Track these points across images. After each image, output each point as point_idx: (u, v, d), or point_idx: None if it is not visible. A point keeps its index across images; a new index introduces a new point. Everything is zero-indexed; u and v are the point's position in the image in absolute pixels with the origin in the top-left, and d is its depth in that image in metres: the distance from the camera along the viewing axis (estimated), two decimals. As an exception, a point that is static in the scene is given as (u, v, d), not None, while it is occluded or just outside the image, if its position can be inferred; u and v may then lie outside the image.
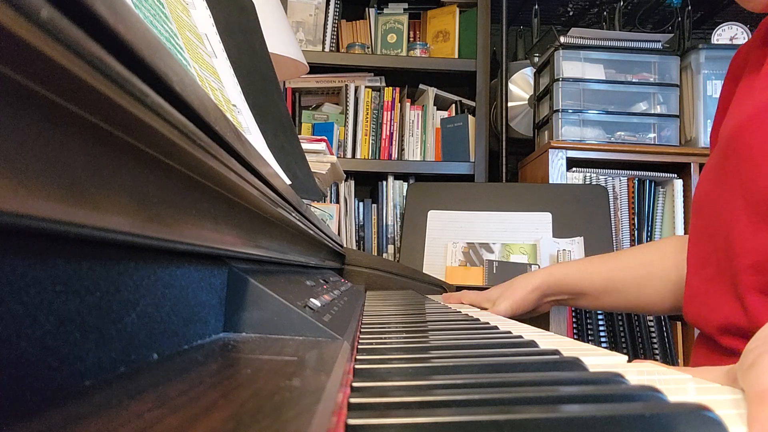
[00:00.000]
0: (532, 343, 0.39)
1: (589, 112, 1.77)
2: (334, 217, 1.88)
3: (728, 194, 0.64)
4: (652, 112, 1.79)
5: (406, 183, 1.96)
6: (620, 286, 0.90)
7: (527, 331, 0.53)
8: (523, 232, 1.62)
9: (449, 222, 1.66)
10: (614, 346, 1.64)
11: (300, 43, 1.93)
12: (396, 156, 1.96)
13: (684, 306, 0.74)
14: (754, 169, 0.60)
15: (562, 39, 1.76)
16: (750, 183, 0.61)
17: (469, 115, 1.96)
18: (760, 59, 0.69)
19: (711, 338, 0.68)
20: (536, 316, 1.00)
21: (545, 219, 1.62)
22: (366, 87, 1.98)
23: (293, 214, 0.46)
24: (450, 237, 1.64)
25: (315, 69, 1.81)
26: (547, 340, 0.45)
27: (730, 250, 0.63)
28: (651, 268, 0.87)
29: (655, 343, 1.65)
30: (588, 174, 1.73)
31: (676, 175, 1.75)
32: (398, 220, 1.94)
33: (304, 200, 0.57)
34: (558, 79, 1.74)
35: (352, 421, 0.21)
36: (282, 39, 1.24)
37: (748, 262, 0.60)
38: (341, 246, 1.11)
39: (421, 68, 1.98)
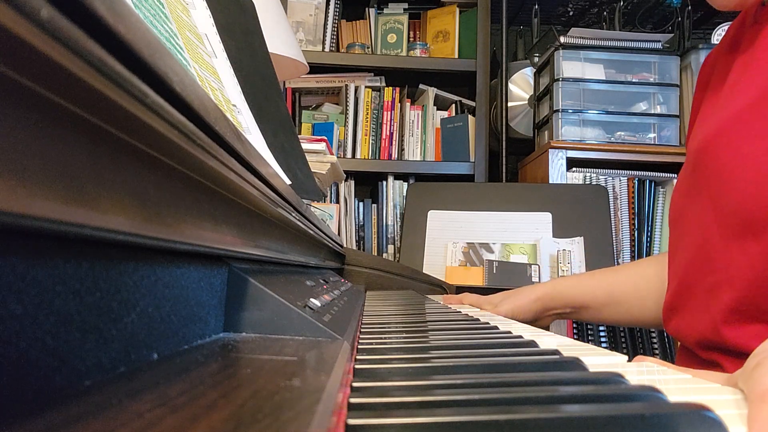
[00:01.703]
0: (532, 343, 0.39)
1: (589, 112, 1.77)
2: (334, 217, 1.88)
3: (700, 208, 0.64)
4: (652, 112, 1.79)
5: (406, 183, 1.96)
6: (622, 298, 0.90)
7: (527, 331, 0.53)
8: (523, 232, 1.62)
9: (449, 222, 1.66)
10: (614, 346, 1.64)
11: (300, 43, 1.93)
12: (396, 156, 1.96)
13: (663, 318, 0.74)
14: (723, 184, 0.59)
15: (562, 39, 1.76)
16: (719, 198, 0.60)
17: (469, 115, 1.96)
18: (726, 68, 0.68)
19: (691, 350, 0.68)
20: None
21: (545, 219, 1.62)
22: (366, 87, 1.98)
23: (293, 214, 0.46)
24: (450, 237, 1.64)
25: (315, 69, 1.81)
26: (547, 340, 0.45)
27: (705, 264, 0.63)
28: (651, 281, 0.88)
29: (655, 343, 1.64)
30: (588, 174, 1.73)
31: (676, 175, 1.73)
32: (398, 220, 1.94)
33: (304, 200, 0.57)
34: (558, 79, 1.74)
35: (352, 421, 0.21)
36: (282, 39, 1.24)
37: (721, 276, 0.60)
38: (341, 246, 1.11)
39: (421, 68, 1.98)
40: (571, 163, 1.72)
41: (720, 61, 0.70)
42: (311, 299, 0.40)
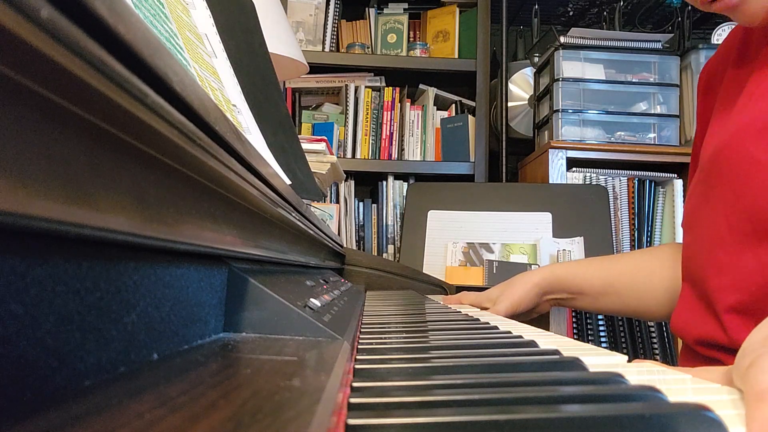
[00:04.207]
0: (532, 343, 0.39)
1: (589, 112, 1.76)
2: (334, 217, 1.88)
3: (712, 213, 0.65)
4: (652, 112, 1.79)
5: (406, 183, 1.96)
6: (620, 289, 0.91)
7: (527, 331, 0.53)
8: (523, 232, 1.62)
9: (449, 222, 1.66)
10: (614, 346, 1.64)
11: (300, 43, 1.93)
12: (396, 156, 1.96)
13: (672, 316, 0.75)
14: (735, 189, 0.60)
15: (562, 39, 1.76)
16: (730, 203, 0.61)
17: (469, 115, 1.96)
18: (738, 77, 0.68)
19: (692, 349, 0.69)
20: (536, 317, 1.00)
21: (545, 219, 1.62)
22: (366, 87, 1.98)
23: (293, 214, 0.46)
24: (450, 237, 1.64)
25: (315, 69, 1.81)
26: (547, 340, 0.45)
27: (715, 267, 0.63)
28: (650, 275, 0.88)
29: (655, 343, 1.65)
30: (588, 174, 1.73)
31: (676, 175, 1.74)
32: (398, 220, 1.94)
33: (304, 200, 0.57)
34: (558, 79, 1.74)
35: (352, 421, 0.21)
36: (282, 39, 1.24)
37: (727, 281, 0.61)
38: (341, 246, 1.11)
39: (421, 68, 1.98)
40: (571, 163, 1.72)
41: (729, 71, 0.71)
42: (311, 299, 0.40)
